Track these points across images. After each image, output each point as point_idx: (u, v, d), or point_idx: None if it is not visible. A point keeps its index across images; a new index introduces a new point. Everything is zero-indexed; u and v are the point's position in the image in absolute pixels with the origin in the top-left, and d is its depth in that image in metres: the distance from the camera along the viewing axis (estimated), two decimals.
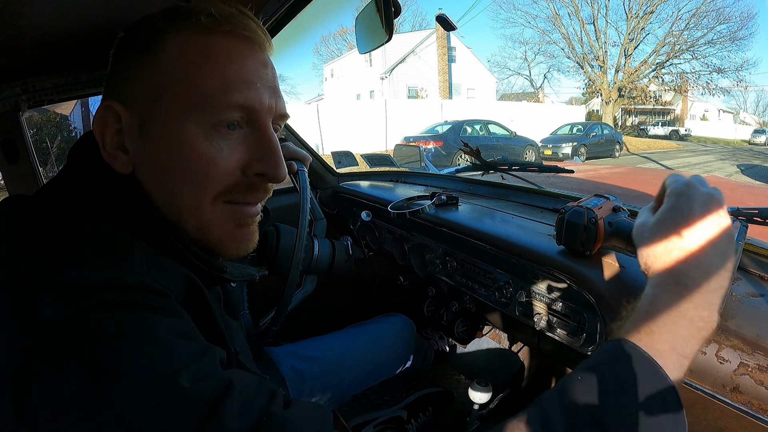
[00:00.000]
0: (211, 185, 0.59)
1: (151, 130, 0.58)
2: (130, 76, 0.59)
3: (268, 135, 0.62)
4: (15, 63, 1.16)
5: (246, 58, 0.60)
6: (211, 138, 0.58)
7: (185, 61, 0.57)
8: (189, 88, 0.57)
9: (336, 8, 38.24)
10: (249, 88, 0.59)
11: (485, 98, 28.54)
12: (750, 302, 0.77)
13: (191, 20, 0.58)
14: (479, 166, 1.86)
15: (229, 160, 0.60)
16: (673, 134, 30.32)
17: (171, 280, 0.53)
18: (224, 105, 0.57)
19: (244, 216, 0.65)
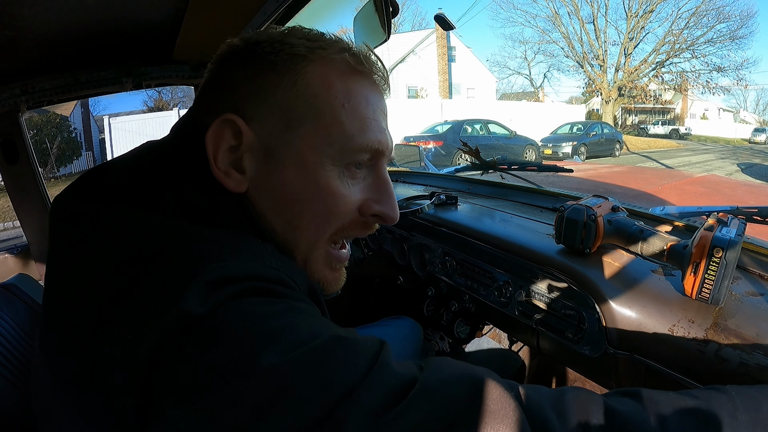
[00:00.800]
0: (335, 222, 0.60)
1: (283, 156, 0.56)
2: (260, 93, 0.57)
3: (387, 177, 0.63)
4: (14, 64, 1.16)
5: (379, 102, 0.61)
6: (342, 176, 0.58)
7: (328, 95, 0.57)
8: (331, 124, 0.57)
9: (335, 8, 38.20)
10: (381, 132, 0.60)
11: (485, 98, 28.51)
12: (750, 301, 0.77)
13: (334, 54, 0.58)
14: (479, 165, 1.86)
15: (354, 200, 0.60)
16: (673, 133, 30.30)
17: (299, 278, 0.52)
18: (360, 147, 0.58)
19: (339, 260, 0.65)
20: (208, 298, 0.41)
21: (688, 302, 0.77)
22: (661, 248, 0.83)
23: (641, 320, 0.79)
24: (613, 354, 0.84)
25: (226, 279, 0.43)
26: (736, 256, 0.71)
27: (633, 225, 0.90)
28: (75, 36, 1.03)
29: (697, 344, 0.71)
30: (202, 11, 1.04)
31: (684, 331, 0.73)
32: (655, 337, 0.77)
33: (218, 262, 0.45)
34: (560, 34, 30.91)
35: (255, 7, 1.06)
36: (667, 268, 0.88)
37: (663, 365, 0.76)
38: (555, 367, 1.70)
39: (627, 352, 0.82)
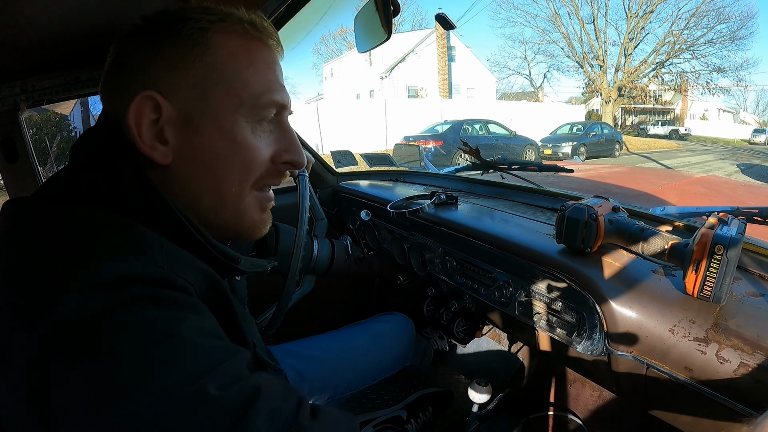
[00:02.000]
0: (254, 172, 0.66)
1: (200, 123, 0.62)
2: (172, 67, 0.60)
3: (291, 129, 0.72)
4: (14, 62, 1.16)
5: (276, 64, 0.69)
6: (255, 131, 0.65)
7: (234, 62, 0.63)
8: (240, 87, 0.63)
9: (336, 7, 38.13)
10: (281, 89, 0.68)
11: (485, 98, 28.54)
12: (750, 302, 0.77)
13: (234, 24, 0.64)
14: (479, 165, 1.86)
15: (265, 151, 0.67)
16: (673, 134, 30.30)
17: (191, 274, 0.54)
18: (266, 103, 0.65)
19: (266, 201, 0.72)
20: (86, 303, 0.43)
21: (688, 302, 0.77)
22: (663, 247, 0.83)
23: (642, 320, 0.79)
24: (614, 354, 0.84)
25: (104, 284, 0.45)
26: (737, 254, 0.71)
27: (634, 224, 0.90)
28: (75, 35, 1.03)
29: (697, 344, 0.71)
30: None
31: (685, 332, 0.73)
32: (656, 338, 0.77)
33: (98, 264, 0.46)
34: (560, 35, 30.92)
35: (256, 7, 1.06)
36: (667, 268, 0.88)
37: (663, 365, 0.76)
38: (555, 367, 1.70)
39: (627, 353, 0.82)
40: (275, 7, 1.07)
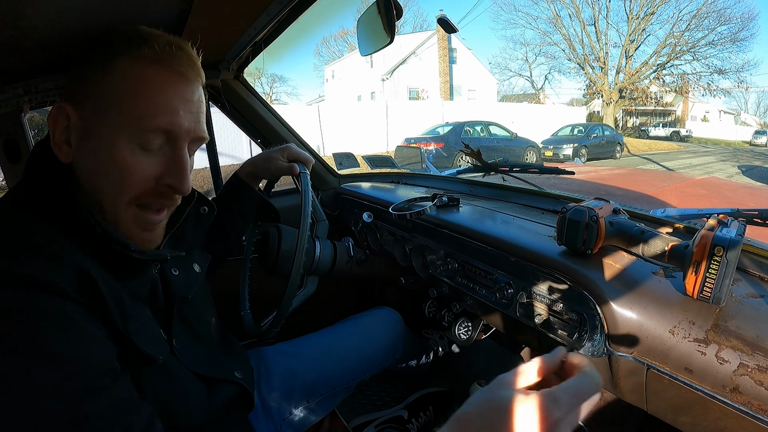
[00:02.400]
0: (128, 190, 0.71)
1: (91, 135, 0.70)
2: (84, 84, 0.71)
3: (181, 154, 0.75)
4: (17, 64, 1.16)
5: (173, 89, 0.72)
6: (135, 152, 0.70)
7: (126, 86, 0.69)
8: (126, 110, 0.69)
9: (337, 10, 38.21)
10: (174, 114, 0.71)
11: (486, 99, 28.55)
12: (750, 303, 0.78)
13: (136, 49, 0.70)
14: (480, 167, 1.87)
15: (146, 171, 0.72)
16: (674, 135, 30.32)
17: (67, 271, 0.61)
18: (149, 127, 0.70)
19: (149, 222, 0.77)
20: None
21: (688, 303, 0.77)
22: (663, 249, 0.83)
23: (642, 321, 0.79)
24: (614, 355, 0.85)
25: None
26: (736, 255, 0.72)
27: (634, 226, 0.90)
28: (77, 36, 1.03)
29: (697, 345, 0.72)
30: (205, 13, 1.04)
31: (684, 332, 0.74)
32: (656, 339, 0.77)
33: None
34: (561, 36, 30.94)
35: (259, 9, 1.07)
36: (668, 269, 0.88)
37: (664, 366, 0.76)
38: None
39: (628, 354, 0.82)
40: (278, 10, 1.08)
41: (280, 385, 1.22)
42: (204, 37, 1.26)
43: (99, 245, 0.69)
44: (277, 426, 1.19)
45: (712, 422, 0.73)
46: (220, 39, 1.31)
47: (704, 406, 0.72)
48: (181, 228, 0.92)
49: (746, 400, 0.66)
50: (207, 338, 0.99)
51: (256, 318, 1.31)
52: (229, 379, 0.95)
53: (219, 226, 1.29)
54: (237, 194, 1.30)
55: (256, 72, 26.96)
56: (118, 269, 0.72)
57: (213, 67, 1.55)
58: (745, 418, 0.66)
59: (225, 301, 1.55)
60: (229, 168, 8.30)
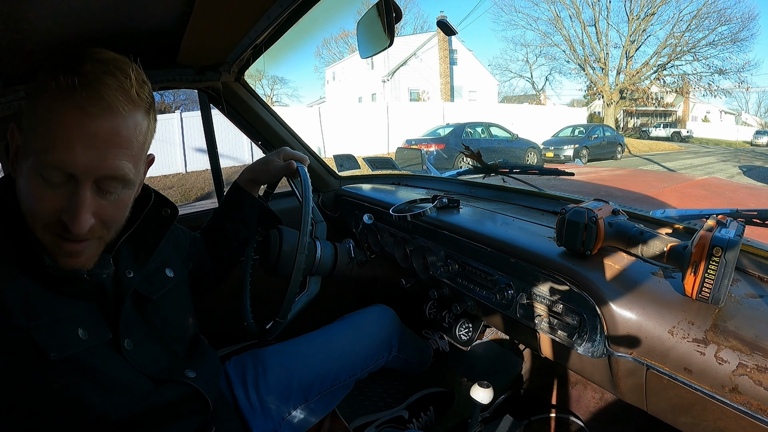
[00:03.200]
0: (36, 217, 0.74)
1: (20, 159, 0.75)
2: (26, 110, 0.75)
3: (78, 193, 0.73)
4: (18, 67, 1.17)
5: (73, 124, 0.70)
6: (39, 183, 0.72)
7: (33, 118, 0.72)
8: (31, 141, 0.72)
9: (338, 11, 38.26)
10: (69, 151, 0.70)
11: (487, 101, 28.52)
12: (749, 303, 0.78)
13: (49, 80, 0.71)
14: (480, 168, 1.87)
15: (50, 204, 0.72)
16: (675, 136, 30.30)
17: None
18: (45, 162, 0.70)
19: (68, 250, 0.77)
20: None
21: (687, 304, 0.78)
22: (662, 250, 0.84)
23: (641, 322, 0.80)
24: (614, 356, 0.85)
25: None
26: (735, 255, 0.72)
27: (633, 227, 0.91)
28: (79, 39, 1.04)
29: (696, 346, 0.72)
30: (206, 15, 1.05)
31: (684, 333, 0.74)
32: (655, 339, 0.77)
33: None
34: (562, 37, 30.94)
35: (259, 12, 1.07)
36: (667, 270, 0.89)
37: (663, 367, 0.77)
38: (556, 369, 1.71)
39: (627, 354, 0.82)
40: (279, 12, 1.08)
41: (277, 385, 1.23)
42: (205, 39, 1.27)
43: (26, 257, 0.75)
44: (276, 426, 1.19)
45: (712, 422, 0.74)
46: (221, 41, 1.31)
47: (704, 406, 0.72)
48: (140, 231, 0.94)
49: (745, 399, 0.66)
50: (171, 340, 0.99)
51: (259, 321, 1.31)
52: (179, 380, 0.94)
53: (222, 235, 1.31)
54: (237, 202, 1.33)
55: (257, 74, 26.99)
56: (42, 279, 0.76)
57: (214, 69, 1.55)
58: (745, 418, 0.66)
59: (225, 301, 1.55)
60: (231, 170, 8.29)
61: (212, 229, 1.34)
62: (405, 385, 1.72)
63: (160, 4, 0.98)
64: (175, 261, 1.10)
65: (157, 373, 0.91)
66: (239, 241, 1.34)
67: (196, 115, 1.75)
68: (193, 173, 13.38)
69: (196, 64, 1.51)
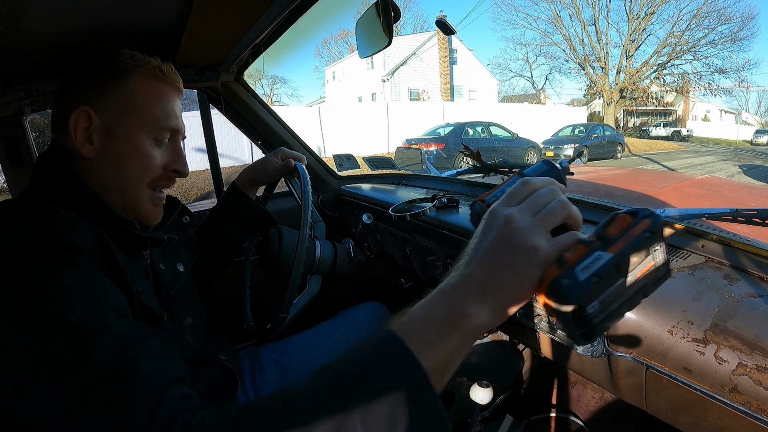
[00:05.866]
0: (148, 174, 0.89)
1: (117, 133, 0.85)
2: (102, 92, 0.85)
3: (180, 147, 0.96)
4: (18, 67, 1.17)
5: (175, 101, 0.94)
6: (153, 146, 0.89)
7: (145, 96, 0.88)
8: (146, 114, 0.88)
9: (337, 11, 38.23)
10: (177, 118, 0.93)
11: (487, 100, 28.52)
12: (749, 303, 0.78)
13: (149, 68, 0.89)
14: (480, 168, 1.87)
15: (159, 161, 0.91)
16: (675, 135, 30.30)
17: (82, 235, 0.71)
18: (164, 127, 0.90)
19: (158, 199, 0.95)
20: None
21: (687, 303, 0.78)
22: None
23: (641, 322, 0.80)
24: (614, 355, 0.85)
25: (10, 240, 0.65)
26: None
27: None
28: (78, 40, 1.04)
29: (696, 345, 0.72)
30: (206, 15, 1.05)
31: (683, 332, 0.74)
32: (655, 339, 0.77)
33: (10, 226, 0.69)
34: (562, 37, 30.97)
35: (259, 12, 1.07)
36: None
37: (663, 366, 0.77)
38: (556, 369, 1.71)
39: (627, 354, 0.82)
40: (278, 12, 1.08)
41: (273, 383, 1.24)
42: (204, 39, 1.27)
43: (108, 225, 0.81)
44: None
45: (712, 422, 0.73)
46: (220, 41, 1.31)
47: (703, 406, 0.72)
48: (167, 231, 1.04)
49: (745, 399, 0.66)
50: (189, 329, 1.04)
51: (259, 322, 1.32)
52: (214, 360, 1.01)
53: (218, 234, 1.32)
54: (234, 204, 1.36)
55: (256, 74, 27.01)
56: (124, 246, 0.84)
57: (213, 69, 1.55)
58: (744, 418, 0.66)
59: (224, 301, 1.55)
60: (230, 170, 8.28)
61: (208, 228, 1.35)
62: None
63: (159, 4, 0.98)
64: (183, 256, 1.15)
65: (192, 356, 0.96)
66: (234, 242, 1.36)
67: (196, 115, 1.73)
68: (192, 173, 13.35)
69: (196, 64, 1.51)
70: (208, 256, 1.33)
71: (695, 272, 0.89)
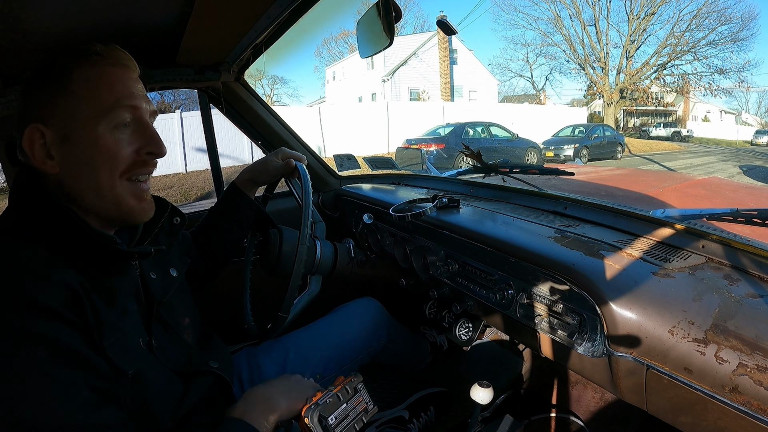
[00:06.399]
0: (118, 166, 0.84)
1: (72, 137, 0.81)
2: (46, 103, 0.81)
3: (149, 125, 0.89)
4: (19, 67, 1.17)
5: (126, 79, 0.87)
6: (114, 134, 0.83)
7: (89, 87, 0.82)
8: (94, 104, 0.82)
9: (338, 11, 38.22)
10: (131, 98, 0.86)
11: (487, 100, 28.49)
12: (749, 303, 0.78)
13: (86, 57, 0.83)
14: (480, 168, 1.87)
15: (127, 147, 0.85)
16: (675, 135, 30.29)
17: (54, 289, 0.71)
18: (118, 110, 0.83)
19: (140, 191, 0.89)
20: None
21: (687, 304, 0.78)
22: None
23: (641, 322, 0.80)
24: (614, 355, 0.85)
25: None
26: None
27: None
28: (79, 39, 1.04)
29: (696, 345, 0.72)
30: (206, 15, 1.05)
31: (684, 332, 0.74)
32: (655, 339, 0.77)
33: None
34: (562, 37, 30.92)
35: (259, 12, 1.07)
36: (667, 270, 0.88)
37: (663, 366, 0.77)
38: (557, 369, 1.71)
39: (627, 354, 0.82)
40: (279, 12, 1.08)
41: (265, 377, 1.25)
42: (204, 39, 1.27)
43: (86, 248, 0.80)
44: None
45: (712, 422, 0.74)
46: (221, 41, 1.31)
47: (704, 406, 0.72)
48: (156, 236, 1.02)
49: (745, 399, 0.66)
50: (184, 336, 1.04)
51: (259, 322, 1.32)
52: (204, 371, 1.00)
53: (216, 234, 1.32)
54: (233, 203, 1.36)
55: (257, 74, 26.97)
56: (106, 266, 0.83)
57: (213, 69, 1.55)
58: (745, 418, 0.66)
59: (223, 301, 1.55)
60: (231, 170, 8.27)
61: (206, 227, 1.35)
62: (405, 385, 1.72)
63: (159, 4, 0.98)
64: (176, 260, 1.13)
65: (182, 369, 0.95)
66: (232, 242, 1.36)
67: (196, 114, 1.76)
68: (193, 173, 13.38)
69: (196, 64, 1.51)
70: (206, 257, 1.32)
71: (696, 272, 0.89)
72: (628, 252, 1.00)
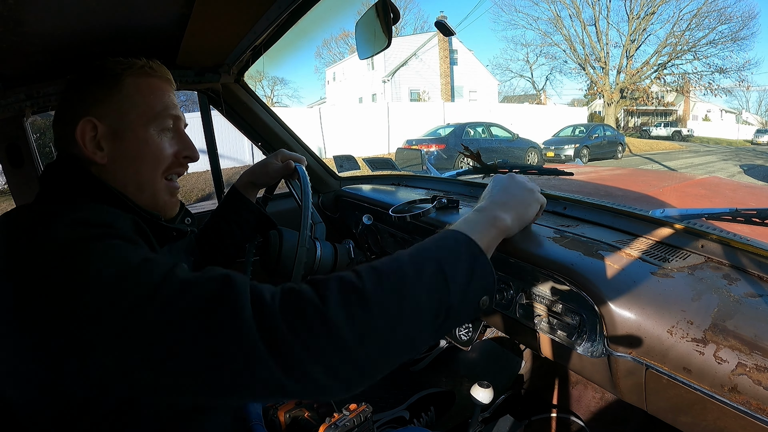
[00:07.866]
0: (161, 164, 0.93)
1: (122, 134, 0.88)
2: (99, 100, 0.88)
3: (186, 135, 1.00)
4: (19, 69, 1.17)
5: (170, 92, 0.97)
6: (159, 136, 0.93)
7: (140, 93, 0.91)
8: (146, 108, 0.91)
9: (337, 12, 38.20)
10: (174, 108, 0.96)
11: (487, 100, 28.49)
12: (748, 302, 0.78)
13: (137, 68, 0.92)
14: (480, 169, 1.87)
15: (169, 149, 0.95)
16: (676, 135, 30.30)
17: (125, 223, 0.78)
18: (165, 117, 0.93)
19: (174, 188, 0.99)
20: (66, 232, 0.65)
21: (686, 303, 0.78)
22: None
23: (640, 322, 0.80)
24: (613, 355, 0.85)
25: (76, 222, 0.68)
26: None
27: None
28: (79, 41, 1.05)
29: (695, 345, 0.72)
30: (206, 17, 1.05)
31: (683, 332, 0.74)
32: (654, 339, 0.77)
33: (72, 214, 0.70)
34: (562, 37, 30.98)
35: (259, 13, 1.07)
36: (666, 270, 0.88)
37: (662, 366, 0.77)
38: (557, 369, 1.71)
39: (627, 354, 0.82)
40: (278, 14, 1.09)
41: None
42: (204, 41, 1.27)
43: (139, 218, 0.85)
44: None
45: (711, 422, 0.74)
46: (220, 43, 1.32)
47: (703, 406, 0.72)
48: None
49: (745, 399, 0.66)
50: None
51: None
52: None
53: (216, 236, 1.33)
54: (234, 205, 1.37)
55: (257, 75, 27.06)
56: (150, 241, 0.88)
57: (213, 70, 1.56)
58: (744, 418, 0.66)
59: None
60: (231, 171, 8.27)
61: (207, 230, 1.35)
62: (406, 385, 1.72)
63: (159, 6, 0.98)
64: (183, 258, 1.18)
65: None
66: (233, 244, 1.37)
67: (196, 116, 1.74)
68: (193, 174, 13.36)
69: (196, 66, 1.51)
70: (207, 259, 1.32)
71: (695, 272, 0.89)
72: (627, 252, 1.00)
